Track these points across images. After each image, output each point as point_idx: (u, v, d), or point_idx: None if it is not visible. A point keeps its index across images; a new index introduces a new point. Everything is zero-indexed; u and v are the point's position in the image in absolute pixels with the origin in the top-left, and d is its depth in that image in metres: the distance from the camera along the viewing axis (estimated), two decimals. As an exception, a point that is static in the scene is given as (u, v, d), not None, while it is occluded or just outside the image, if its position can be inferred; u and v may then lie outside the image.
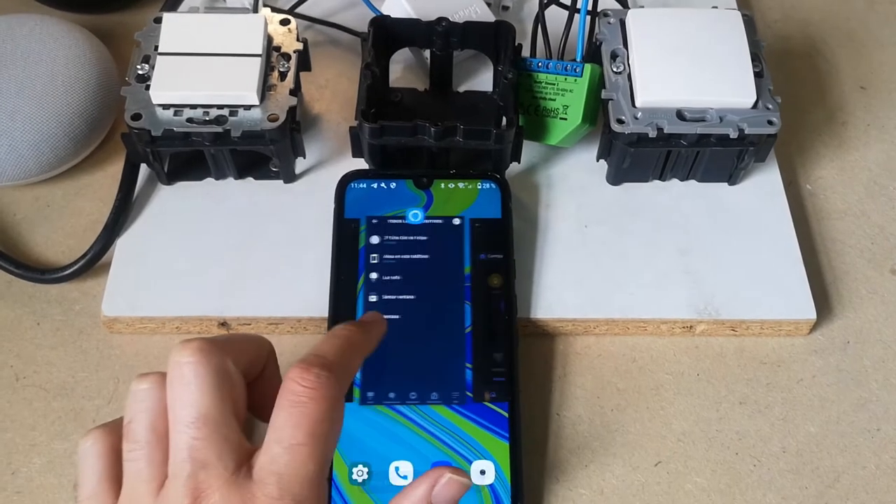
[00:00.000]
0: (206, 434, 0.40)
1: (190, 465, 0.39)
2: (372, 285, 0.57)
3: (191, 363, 0.41)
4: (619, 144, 0.59)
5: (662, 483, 0.55)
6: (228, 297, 0.59)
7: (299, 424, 0.39)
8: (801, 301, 0.59)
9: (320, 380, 0.40)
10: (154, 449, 0.41)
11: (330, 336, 0.44)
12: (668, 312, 0.58)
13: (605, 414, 0.57)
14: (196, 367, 0.40)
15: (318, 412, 0.40)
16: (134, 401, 0.42)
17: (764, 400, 0.57)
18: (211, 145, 0.59)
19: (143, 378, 0.42)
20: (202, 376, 0.40)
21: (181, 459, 0.39)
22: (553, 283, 0.59)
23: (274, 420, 0.40)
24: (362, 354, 0.45)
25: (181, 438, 0.40)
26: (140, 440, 0.41)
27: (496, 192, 0.60)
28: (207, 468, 0.39)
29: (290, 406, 0.40)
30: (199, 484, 0.39)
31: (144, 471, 0.40)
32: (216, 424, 0.40)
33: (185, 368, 0.41)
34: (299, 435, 0.39)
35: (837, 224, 0.65)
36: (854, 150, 0.69)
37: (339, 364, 0.42)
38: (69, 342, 0.59)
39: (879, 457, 0.56)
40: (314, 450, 0.40)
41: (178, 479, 0.39)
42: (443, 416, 0.53)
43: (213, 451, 0.40)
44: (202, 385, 0.40)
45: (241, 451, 0.40)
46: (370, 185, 0.60)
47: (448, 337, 0.56)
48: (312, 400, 0.40)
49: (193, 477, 0.39)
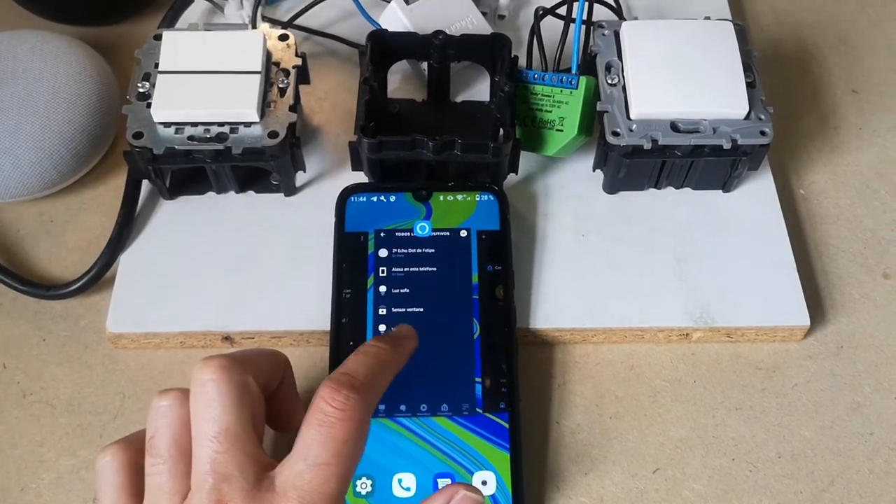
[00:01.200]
0: (227, 448, 0.41)
1: (213, 478, 0.41)
2: (381, 298, 0.58)
3: (213, 380, 0.42)
4: (614, 156, 0.60)
5: (661, 490, 0.55)
6: (231, 312, 0.59)
7: (326, 444, 0.41)
8: (795, 308, 0.60)
9: (349, 402, 0.42)
10: (177, 462, 0.42)
11: (361, 353, 0.46)
12: (665, 321, 0.59)
13: (604, 422, 0.58)
14: (218, 384, 0.42)
15: (345, 433, 0.41)
16: (156, 416, 0.44)
17: (759, 405, 0.58)
18: (212, 162, 0.59)
19: (165, 395, 0.44)
20: (224, 393, 0.42)
21: (204, 472, 0.41)
22: (551, 292, 0.60)
23: (302, 436, 0.42)
24: (393, 372, 0.47)
25: (204, 452, 0.41)
26: (163, 454, 0.43)
27: (494, 204, 0.61)
28: (230, 481, 0.41)
29: (318, 425, 0.41)
30: (222, 496, 0.40)
31: (167, 484, 0.42)
32: (237, 439, 0.42)
33: (208, 386, 0.42)
34: (325, 455, 0.41)
35: (830, 228, 0.66)
36: (846, 154, 0.70)
37: (369, 385, 0.44)
38: (75, 358, 0.60)
39: (873, 461, 0.57)
40: (338, 469, 0.41)
41: (202, 491, 0.41)
42: (444, 427, 0.54)
43: (234, 464, 0.41)
44: (224, 401, 0.42)
45: (261, 464, 0.42)
46: (370, 199, 0.61)
47: (457, 349, 0.57)
48: (341, 421, 0.41)
49: (216, 489, 0.41)
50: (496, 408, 0.55)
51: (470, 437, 0.54)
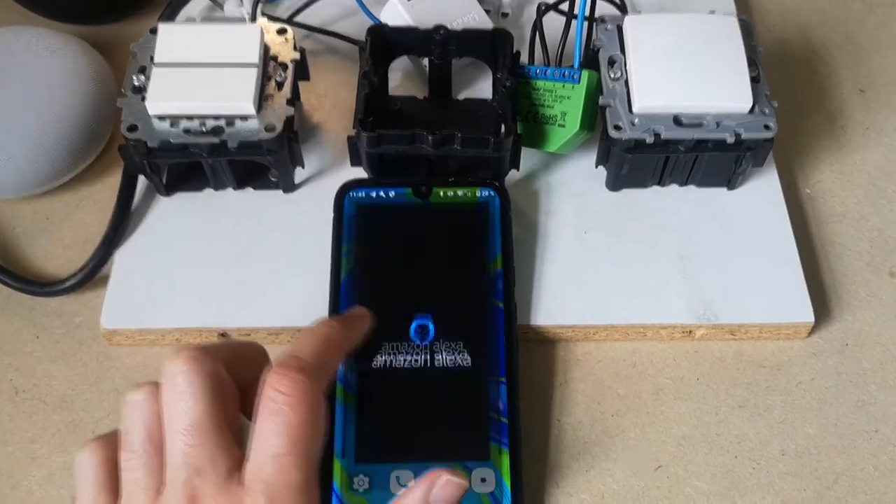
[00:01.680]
0: (199, 441, 0.40)
1: (185, 472, 0.40)
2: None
3: (184, 372, 0.41)
4: (616, 150, 0.59)
5: (663, 487, 0.55)
6: (228, 308, 0.59)
7: (280, 433, 0.40)
8: (800, 305, 0.59)
9: (297, 385, 0.41)
10: (151, 457, 0.41)
11: (309, 334, 0.45)
12: (668, 318, 0.58)
13: (606, 419, 0.57)
14: (189, 375, 0.41)
15: (298, 419, 0.40)
16: (129, 411, 0.43)
17: (763, 403, 0.57)
18: (208, 156, 0.59)
19: (138, 389, 0.43)
20: (195, 384, 0.41)
21: (177, 466, 0.40)
22: (553, 289, 0.59)
23: (257, 428, 0.41)
24: (343, 350, 0.46)
25: (176, 445, 0.40)
26: (137, 449, 0.42)
27: (495, 200, 0.60)
28: (202, 474, 0.40)
29: (269, 414, 0.40)
30: (195, 490, 0.40)
31: (142, 479, 0.41)
32: (209, 431, 0.41)
33: (178, 377, 0.41)
34: (280, 444, 0.40)
35: (836, 227, 0.65)
36: (853, 153, 0.69)
37: (317, 366, 0.43)
38: (69, 355, 0.59)
39: (878, 458, 0.56)
40: (297, 458, 0.40)
41: (175, 485, 0.40)
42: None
43: (206, 457, 0.40)
44: (195, 393, 0.41)
45: (233, 457, 0.41)
46: (369, 194, 0.60)
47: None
48: (291, 407, 0.40)
49: (189, 483, 0.40)
50: (495, 405, 0.54)
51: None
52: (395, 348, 0.55)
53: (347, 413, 0.53)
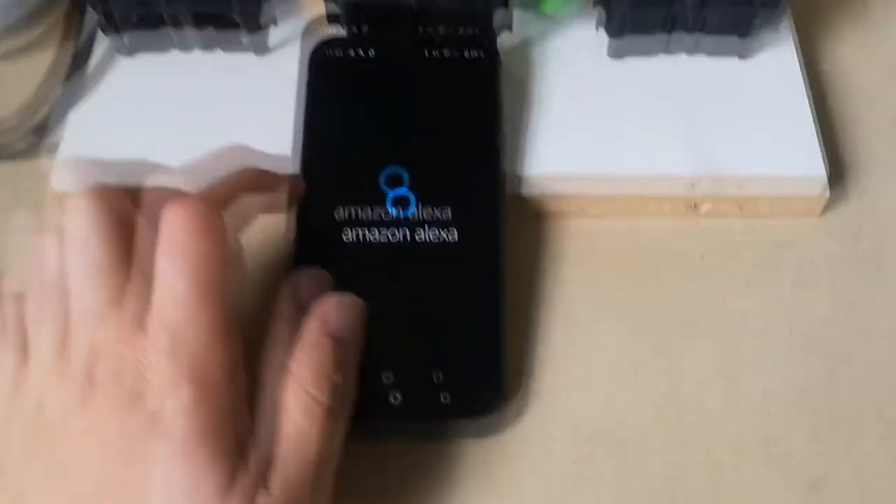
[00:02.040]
0: (101, 283, 0.37)
1: (86, 317, 0.37)
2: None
3: (84, 209, 0.38)
4: (617, 4, 0.54)
5: (661, 365, 0.51)
6: (189, 174, 0.54)
7: (179, 271, 0.36)
8: (811, 159, 0.54)
9: (191, 211, 0.37)
10: (53, 303, 0.38)
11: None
12: (669, 168, 0.54)
13: (602, 294, 0.53)
14: (91, 212, 0.38)
15: (196, 248, 0.37)
16: (34, 258, 0.40)
17: (773, 280, 0.53)
18: (168, 4, 0.54)
19: (42, 233, 0.40)
20: (98, 221, 0.38)
21: (77, 311, 0.37)
22: (546, 155, 0.54)
23: (156, 271, 0.37)
24: (249, 189, 0.45)
25: (76, 289, 0.37)
26: (37, 297, 0.39)
27: (485, 61, 0.55)
28: (105, 320, 0.36)
29: (165, 253, 0.37)
30: (95, 336, 0.36)
31: (44, 328, 0.38)
32: (111, 273, 0.37)
33: (78, 216, 0.38)
34: (182, 283, 0.36)
35: (856, 104, 0.61)
36: (874, 29, 0.64)
37: (215, 195, 0.42)
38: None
39: (894, 338, 0.52)
40: (203, 297, 0.36)
41: (77, 333, 0.37)
42: None
43: (108, 300, 0.37)
44: (97, 230, 0.38)
45: (142, 301, 0.37)
46: (347, 53, 0.55)
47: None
48: (187, 236, 0.37)
49: (88, 329, 0.36)
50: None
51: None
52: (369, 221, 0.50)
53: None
